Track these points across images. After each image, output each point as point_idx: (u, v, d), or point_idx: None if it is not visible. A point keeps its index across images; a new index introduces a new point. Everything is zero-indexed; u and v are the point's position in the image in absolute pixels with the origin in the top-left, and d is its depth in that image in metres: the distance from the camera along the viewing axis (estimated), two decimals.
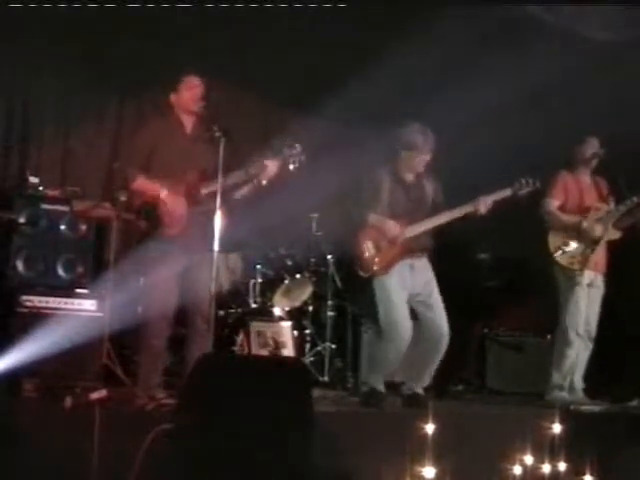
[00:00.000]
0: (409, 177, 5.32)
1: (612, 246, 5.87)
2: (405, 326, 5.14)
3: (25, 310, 4.99)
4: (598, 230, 5.75)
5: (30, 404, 4.47)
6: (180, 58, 6.25)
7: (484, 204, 5.18)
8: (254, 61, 6.69)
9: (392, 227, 5.17)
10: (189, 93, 4.82)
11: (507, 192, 5.28)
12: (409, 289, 5.20)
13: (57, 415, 4.02)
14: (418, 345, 5.26)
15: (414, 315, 5.29)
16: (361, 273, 5.25)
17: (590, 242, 5.74)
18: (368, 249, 5.21)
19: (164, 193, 4.66)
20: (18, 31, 6.04)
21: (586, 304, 5.79)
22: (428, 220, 5.24)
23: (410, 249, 5.21)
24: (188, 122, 4.87)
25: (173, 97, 4.87)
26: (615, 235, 5.81)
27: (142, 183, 4.72)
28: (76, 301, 5.20)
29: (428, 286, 5.24)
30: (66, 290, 5.27)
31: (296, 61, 6.70)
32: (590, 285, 5.81)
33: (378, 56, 6.30)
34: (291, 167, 4.78)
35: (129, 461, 3.50)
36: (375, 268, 5.19)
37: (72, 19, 5.99)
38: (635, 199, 5.65)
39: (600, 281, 5.88)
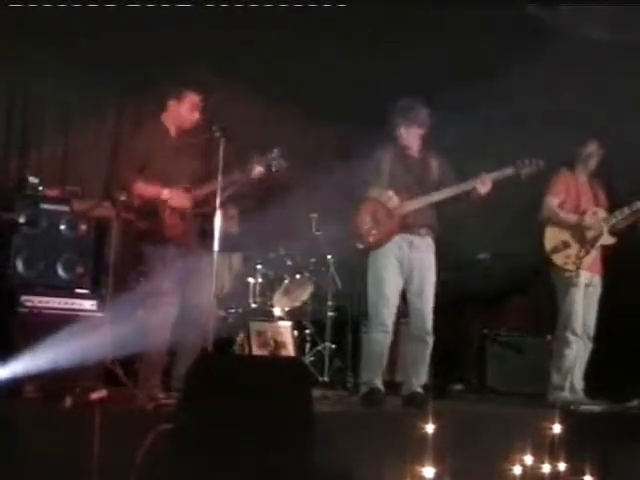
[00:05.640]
0: (413, 153, 5.30)
1: (611, 246, 5.85)
2: (390, 304, 5.11)
3: (25, 310, 4.98)
4: (596, 231, 5.74)
5: (30, 404, 4.46)
6: (180, 58, 6.26)
7: (485, 182, 5.12)
8: (254, 60, 6.69)
9: (390, 199, 5.13)
10: (187, 111, 4.95)
11: (509, 171, 5.21)
12: (406, 266, 5.16)
13: (57, 415, 4.01)
14: (407, 343, 5.29)
15: (405, 313, 5.31)
16: (358, 245, 5.23)
17: (586, 243, 5.73)
18: (366, 221, 5.18)
19: (165, 193, 4.77)
20: (18, 31, 6.04)
21: (583, 304, 5.78)
22: (428, 195, 5.19)
23: (409, 224, 5.18)
24: (173, 128, 4.99)
25: (172, 104, 4.98)
26: (609, 240, 5.79)
27: (141, 187, 4.81)
28: (76, 301, 5.20)
29: (423, 268, 5.18)
30: (66, 290, 5.26)
31: (297, 60, 6.70)
32: (588, 285, 5.81)
33: (378, 54, 6.31)
34: (274, 170, 4.96)
35: (129, 461, 3.50)
36: (371, 240, 5.16)
37: (72, 19, 5.99)
38: (632, 208, 5.66)
39: (597, 281, 5.88)
